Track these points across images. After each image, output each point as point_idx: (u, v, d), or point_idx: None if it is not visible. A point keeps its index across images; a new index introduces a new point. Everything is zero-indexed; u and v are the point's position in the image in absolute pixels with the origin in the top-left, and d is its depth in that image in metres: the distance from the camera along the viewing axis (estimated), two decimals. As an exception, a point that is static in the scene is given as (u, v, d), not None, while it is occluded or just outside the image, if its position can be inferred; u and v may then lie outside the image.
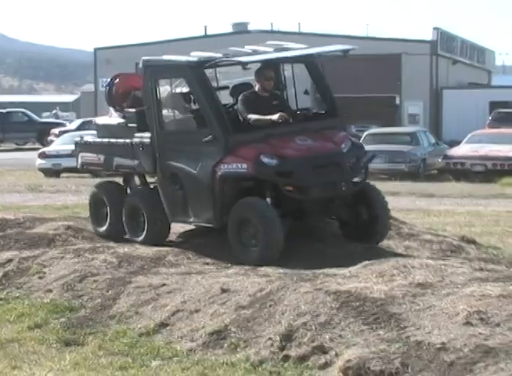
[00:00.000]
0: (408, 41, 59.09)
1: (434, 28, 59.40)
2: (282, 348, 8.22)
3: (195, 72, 12.86)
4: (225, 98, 13.86)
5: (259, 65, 13.34)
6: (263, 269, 11.30)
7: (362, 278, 9.67)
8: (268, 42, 14.25)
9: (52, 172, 35.94)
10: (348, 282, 9.49)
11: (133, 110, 14.09)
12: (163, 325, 9.52)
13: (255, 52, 13.44)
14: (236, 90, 13.50)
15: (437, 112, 56.36)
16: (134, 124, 13.93)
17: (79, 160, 15.50)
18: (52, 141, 43.66)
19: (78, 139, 15.85)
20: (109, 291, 10.79)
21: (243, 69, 12.99)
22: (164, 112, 13.54)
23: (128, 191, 14.91)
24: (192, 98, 13.28)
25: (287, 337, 8.31)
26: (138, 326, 9.67)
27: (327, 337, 8.09)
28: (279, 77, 13.91)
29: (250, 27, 65.44)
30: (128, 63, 63.13)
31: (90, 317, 10.16)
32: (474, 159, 31.11)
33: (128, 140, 13.94)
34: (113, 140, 14.35)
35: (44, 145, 46.76)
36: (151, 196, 14.03)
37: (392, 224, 13.72)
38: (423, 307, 8.34)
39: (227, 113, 12.95)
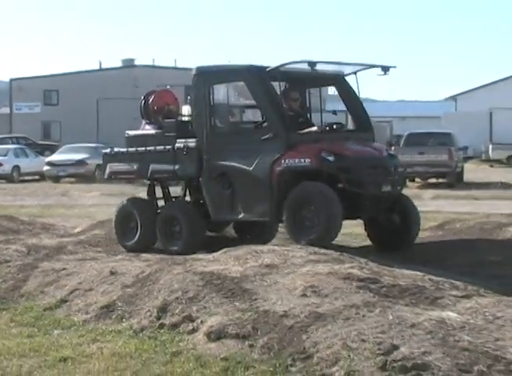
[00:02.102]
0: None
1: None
2: (158, 318, 8.16)
3: (257, 76, 11.72)
4: (255, 116, 12.68)
5: (285, 86, 12.35)
6: (144, 255, 11.27)
7: (222, 261, 9.69)
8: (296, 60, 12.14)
9: (-24, 179, 35.31)
10: (212, 265, 9.50)
11: (172, 120, 12.82)
12: (63, 301, 9.35)
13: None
14: None
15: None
16: (172, 133, 12.47)
17: (107, 171, 13.62)
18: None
19: (108, 150, 13.92)
20: (20, 275, 10.55)
21: (312, 70, 11.61)
22: (217, 115, 12.23)
23: (155, 204, 13.30)
24: (249, 100, 12.25)
25: (163, 309, 8.26)
26: (43, 302, 9.49)
27: (194, 308, 8.06)
28: (304, 96, 12.90)
29: (136, 62, 65.09)
30: (36, 91, 62.48)
31: (3, 296, 9.92)
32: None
33: (168, 146, 12.43)
34: (150, 148, 12.70)
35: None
36: (188, 207, 12.77)
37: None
38: (270, 283, 8.41)
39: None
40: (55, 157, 37.96)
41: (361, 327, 6.74)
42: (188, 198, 13.14)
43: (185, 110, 12.87)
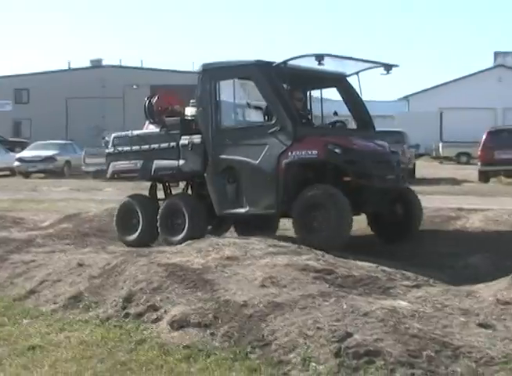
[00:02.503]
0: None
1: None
2: (124, 308, 8.12)
3: (264, 70, 11.22)
4: (256, 117, 12.25)
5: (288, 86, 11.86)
6: (110, 248, 11.21)
7: (185, 253, 9.64)
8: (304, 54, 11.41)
9: None
10: (175, 257, 9.46)
11: (176, 118, 12.28)
12: (32, 292, 9.28)
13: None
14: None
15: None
16: (176, 131, 12.00)
17: (110, 170, 13.12)
18: None
19: (111, 149, 13.15)
20: (-10, 267, 10.47)
21: (319, 64, 11.00)
22: (223, 110, 11.71)
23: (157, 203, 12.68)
24: (256, 95, 11.62)
25: (128, 299, 8.22)
26: (13, 293, 9.42)
27: (158, 298, 8.03)
28: (306, 97, 12.58)
29: (104, 63, 64.72)
30: (7, 90, 61.93)
31: (-26, 287, 9.85)
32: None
33: (172, 143, 12.00)
34: (154, 145, 12.28)
35: None
36: (192, 199, 12.22)
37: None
38: (231, 274, 8.40)
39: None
40: (26, 153, 37.69)
41: (317, 315, 6.76)
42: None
43: (188, 111, 12.42)
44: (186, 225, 11.71)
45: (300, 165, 10.92)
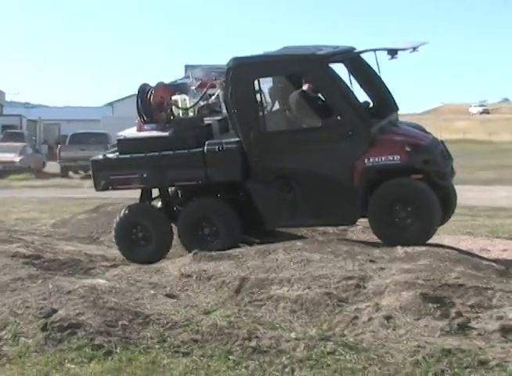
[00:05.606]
0: None
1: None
2: None
3: (324, 65, 8.76)
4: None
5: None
6: None
7: None
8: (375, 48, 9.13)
9: None
10: None
11: (188, 117, 9.48)
12: None
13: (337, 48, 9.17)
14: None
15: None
16: (190, 133, 9.07)
17: (101, 182, 9.34)
18: None
19: (100, 157, 9.62)
20: None
21: (392, 58, 8.79)
22: (268, 112, 9.33)
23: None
24: (314, 93, 9.12)
25: None
26: None
27: None
28: None
29: None
30: None
31: None
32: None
33: (194, 149, 8.95)
34: (168, 152, 9.01)
35: None
36: (222, 207, 9.20)
37: None
38: None
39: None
40: None
41: (25, 296, 6.65)
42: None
43: (179, 100, 9.63)
44: (222, 235, 9.12)
45: (379, 172, 8.62)
